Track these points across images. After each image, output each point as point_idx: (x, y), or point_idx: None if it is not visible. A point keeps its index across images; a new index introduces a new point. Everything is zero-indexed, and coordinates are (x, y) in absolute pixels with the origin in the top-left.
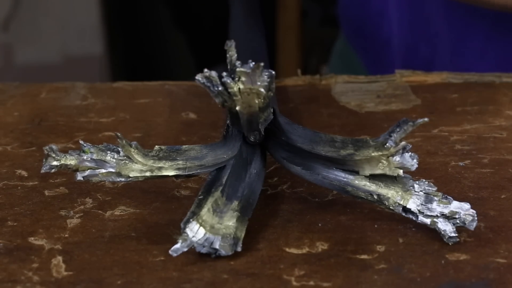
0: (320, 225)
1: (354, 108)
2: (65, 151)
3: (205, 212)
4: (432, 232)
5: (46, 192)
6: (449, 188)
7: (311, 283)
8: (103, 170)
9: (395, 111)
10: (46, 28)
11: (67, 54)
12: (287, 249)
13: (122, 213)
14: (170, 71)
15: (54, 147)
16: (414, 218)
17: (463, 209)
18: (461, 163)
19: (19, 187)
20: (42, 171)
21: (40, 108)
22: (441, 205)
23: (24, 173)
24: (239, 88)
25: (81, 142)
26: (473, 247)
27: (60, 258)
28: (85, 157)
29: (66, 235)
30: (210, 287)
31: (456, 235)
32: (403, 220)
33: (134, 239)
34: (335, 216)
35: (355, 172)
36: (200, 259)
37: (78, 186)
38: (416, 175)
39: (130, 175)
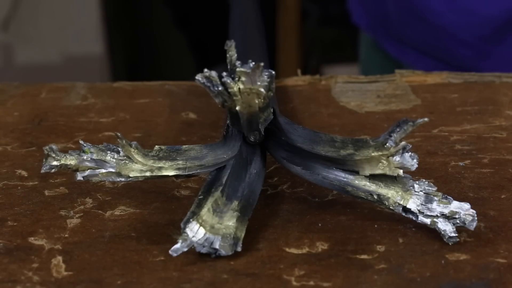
0: (320, 225)
1: (354, 108)
2: (65, 151)
3: (205, 212)
4: (432, 232)
5: (46, 192)
6: (449, 188)
7: (311, 283)
8: (103, 170)
9: (395, 111)
10: (46, 28)
11: (67, 54)
12: (287, 249)
13: (122, 213)
14: (170, 71)
15: (54, 147)
16: (414, 218)
17: (463, 209)
18: (461, 163)
19: (19, 187)
20: (42, 171)
21: (40, 108)
22: (441, 205)
23: (24, 173)
24: (239, 88)
25: (81, 142)
26: (473, 247)
27: (60, 258)
28: (85, 157)
29: (66, 235)
30: (210, 287)
31: (456, 235)
32: (403, 220)
33: (134, 239)
34: (335, 216)
35: (355, 172)
36: (200, 259)
37: (78, 186)
38: (416, 175)
39: (130, 175)
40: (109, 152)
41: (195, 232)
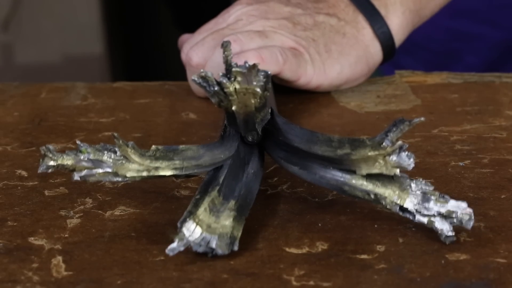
0: (320, 225)
1: (354, 108)
2: (64, 151)
3: (202, 211)
4: (432, 232)
5: (46, 192)
6: (449, 188)
7: (311, 283)
8: (100, 170)
9: (395, 111)
10: (46, 28)
11: (67, 54)
12: (287, 249)
13: (122, 213)
14: (170, 71)
15: (50, 147)
16: (411, 218)
17: (460, 208)
18: (461, 163)
19: (19, 187)
20: (39, 171)
21: (40, 108)
22: (438, 204)
23: (24, 173)
24: (235, 88)
25: (78, 142)
26: (473, 247)
27: (60, 258)
28: (82, 157)
29: (66, 235)
30: (210, 287)
31: (453, 234)
32: (403, 220)
33: (134, 239)
34: (335, 216)
35: (352, 172)
36: (200, 259)
37: (78, 186)
38: (416, 175)
39: (127, 175)
40: (106, 152)
41: (192, 231)
